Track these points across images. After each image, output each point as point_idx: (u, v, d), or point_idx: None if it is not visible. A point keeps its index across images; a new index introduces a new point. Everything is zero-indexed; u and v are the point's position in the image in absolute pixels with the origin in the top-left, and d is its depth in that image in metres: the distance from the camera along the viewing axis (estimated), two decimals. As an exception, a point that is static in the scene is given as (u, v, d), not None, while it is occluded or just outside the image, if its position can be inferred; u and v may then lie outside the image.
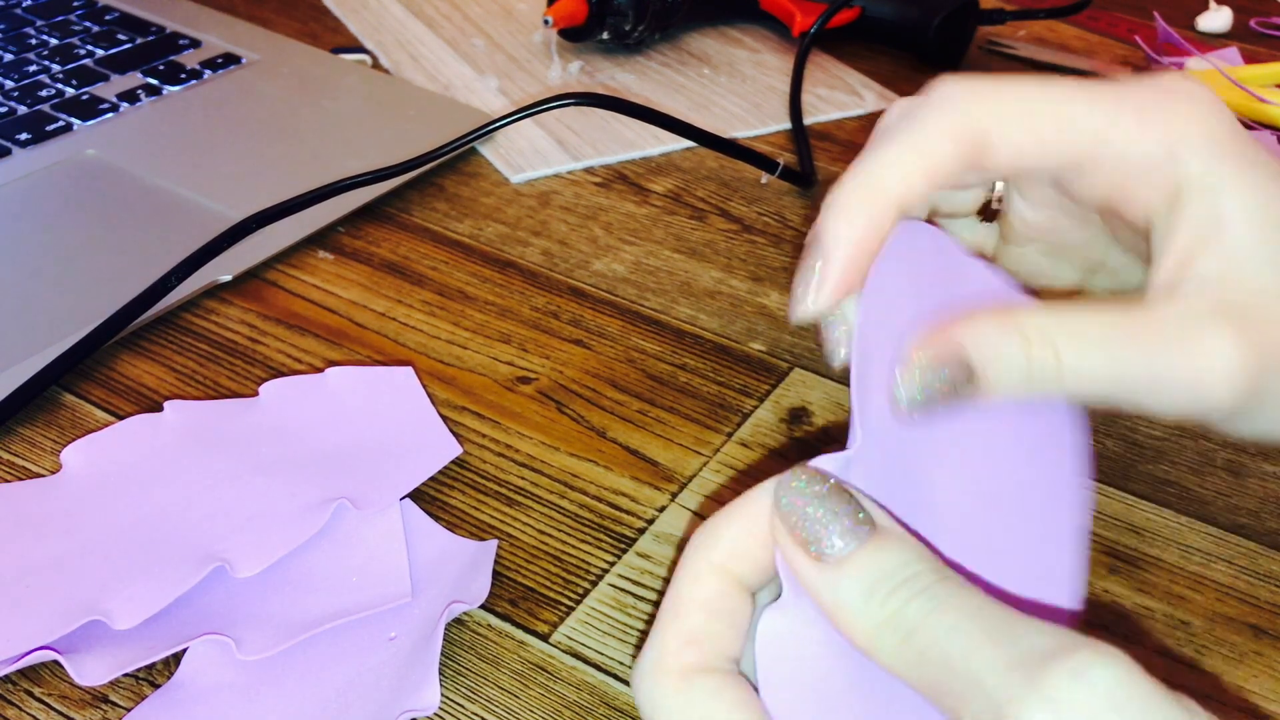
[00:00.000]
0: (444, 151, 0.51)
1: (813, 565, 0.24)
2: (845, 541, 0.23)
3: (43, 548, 0.35)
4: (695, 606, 0.25)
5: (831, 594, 0.23)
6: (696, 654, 0.25)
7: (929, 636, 0.22)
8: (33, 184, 0.53)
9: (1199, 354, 0.26)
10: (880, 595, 0.23)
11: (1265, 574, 0.36)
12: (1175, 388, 0.26)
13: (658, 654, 0.25)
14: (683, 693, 0.24)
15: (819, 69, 0.66)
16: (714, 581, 0.25)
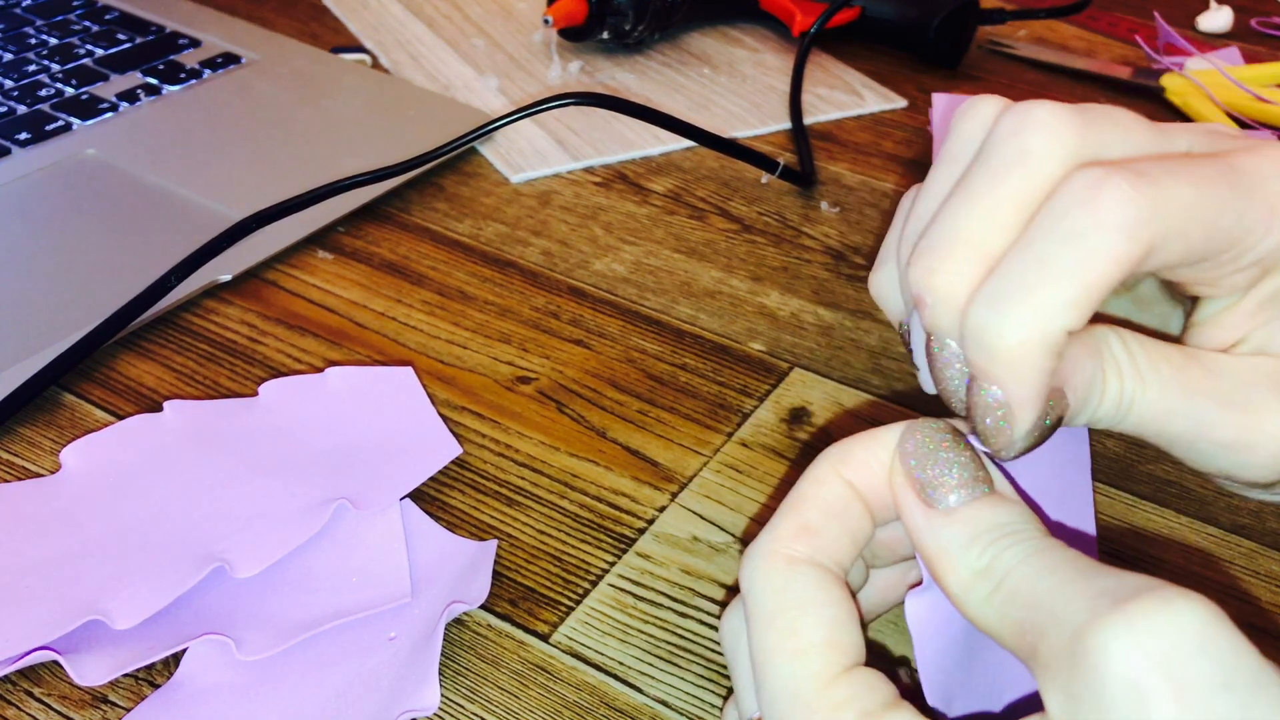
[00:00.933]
0: (444, 151, 0.51)
1: (922, 511, 0.24)
2: (959, 495, 0.24)
3: (42, 548, 0.35)
4: (815, 504, 0.26)
5: (934, 541, 0.24)
6: (807, 546, 0.25)
7: (1019, 579, 0.22)
8: (32, 184, 0.53)
9: (1252, 423, 0.26)
10: (980, 545, 0.23)
11: (1266, 574, 0.36)
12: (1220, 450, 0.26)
13: (772, 537, 0.25)
14: (786, 576, 0.25)
15: (819, 69, 0.66)
16: (838, 488, 0.26)
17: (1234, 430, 0.26)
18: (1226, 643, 0.20)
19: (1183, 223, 0.24)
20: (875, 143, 0.59)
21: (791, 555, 0.25)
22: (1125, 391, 0.26)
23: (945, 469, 0.24)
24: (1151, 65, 0.64)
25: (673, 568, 0.36)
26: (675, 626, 0.34)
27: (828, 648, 0.24)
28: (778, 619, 0.24)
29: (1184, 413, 0.26)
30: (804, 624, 0.24)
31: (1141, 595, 0.20)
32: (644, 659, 0.33)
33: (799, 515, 0.25)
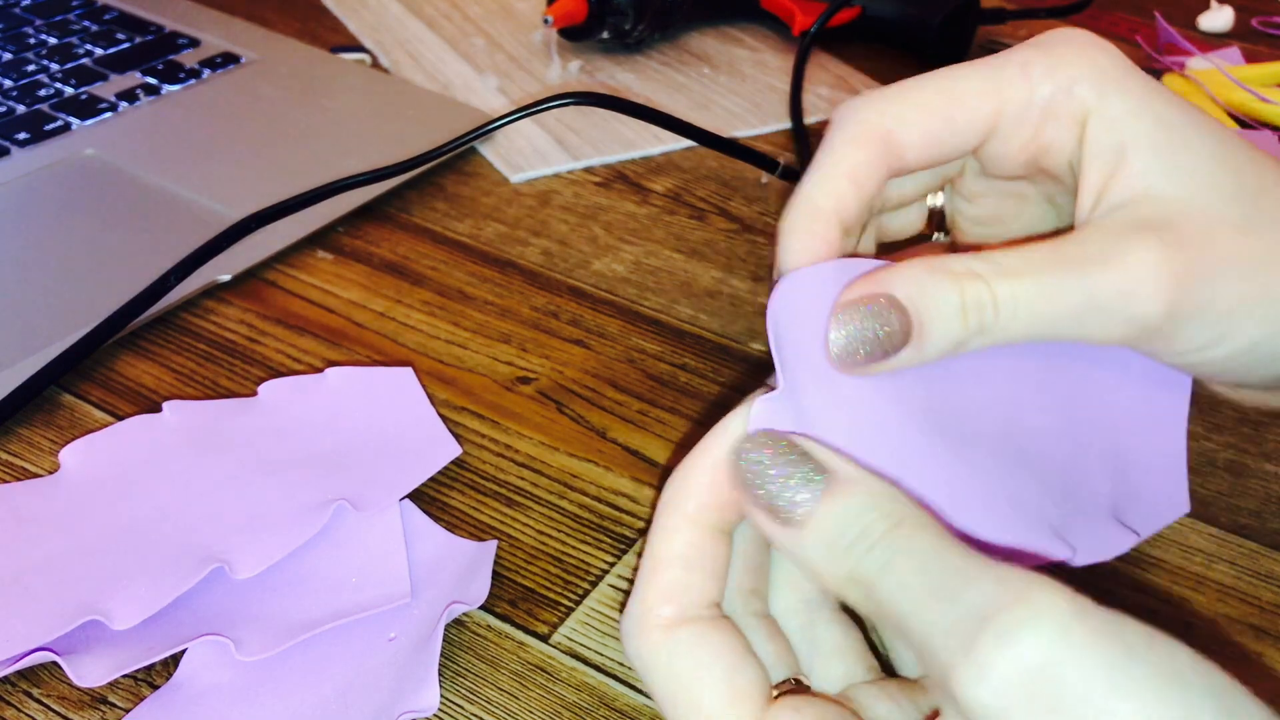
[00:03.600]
0: (443, 151, 0.51)
1: (779, 530, 0.24)
2: (803, 499, 0.24)
3: (41, 548, 0.35)
4: (670, 562, 0.26)
5: (800, 554, 0.24)
6: (675, 607, 0.26)
7: (883, 593, 0.23)
8: (31, 184, 0.53)
9: (1125, 266, 0.27)
10: (839, 552, 0.23)
11: (1267, 574, 0.36)
12: (1108, 305, 0.26)
13: (639, 611, 0.26)
14: (665, 646, 0.25)
15: (819, 68, 0.65)
16: (687, 534, 0.26)
17: (1113, 280, 0.26)
18: (1075, 653, 0.20)
19: (914, 98, 0.29)
20: (875, 142, 0.59)
21: (664, 624, 0.26)
22: (997, 293, 0.26)
23: (778, 481, 0.24)
24: (1152, 65, 0.64)
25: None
26: (675, 627, 0.34)
27: (734, 704, 0.25)
28: (677, 698, 0.25)
29: (1067, 287, 0.26)
30: (702, 692, 0.25)
31: (987, 627, 0.21)
32: (644, 659, 0.33)
33: (658, 578, 0.26)
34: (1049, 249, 0.27)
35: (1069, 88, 0.28)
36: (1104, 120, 0.28)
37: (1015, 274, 0.26)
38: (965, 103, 0.29)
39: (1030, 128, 0.29)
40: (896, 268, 0.27)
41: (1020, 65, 0.29)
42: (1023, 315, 0.26)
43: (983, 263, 0.26)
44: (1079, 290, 0.26)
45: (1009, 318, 0.26)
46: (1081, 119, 0.28)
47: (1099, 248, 0.27)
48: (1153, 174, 0.28)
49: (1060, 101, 0.28)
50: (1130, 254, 0.26)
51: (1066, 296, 0.26)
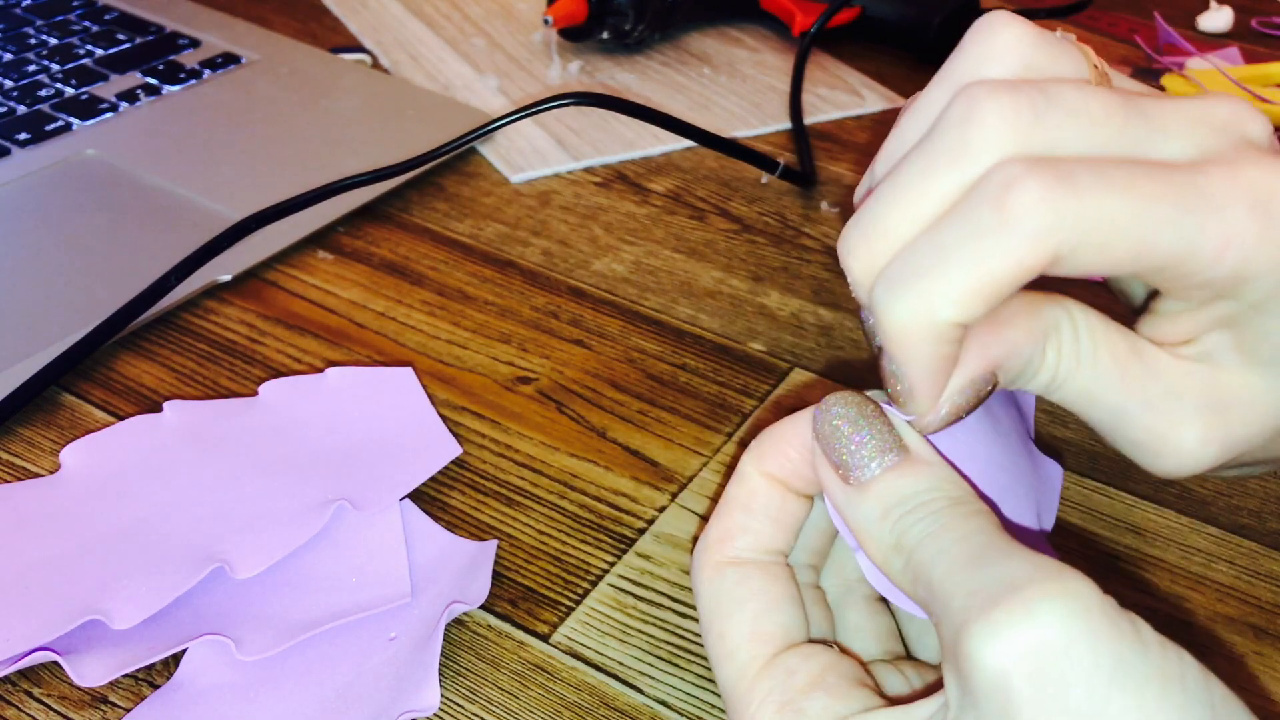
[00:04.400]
0: (443, 151, 0.51)
1: (840, 487, 0.25)
2: (874, 465, 0.25)
3: (42, 548, 0.35)
4: (735, 506, 0.28)
5: (854, 516, 0.25)
6: (730, 548, 0.27)
7: (920, 560, 0.23)
8: (32, 184, 0.53)
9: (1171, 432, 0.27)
10: (892, 519, 0.24)
11: (1266, 574, 0.36)
12: (1133, 443, 0.27)
13: (701, 546, 0.28)
14: (713, 581, 0.27)
15: (819, 69, 0.66)
16: (758, 483, 0.28)
17: (1147, 434, 0.27)
18: (1088, 639, 0.20)
19: (1103, 236, 0.23)
20: (876, 143, 0.59)
21: (717, 560, 0.27)
22: (1061, 371, 0.26)
23: (854, 444, 0.25)
24: (1151, 65, 0.64)
25: (673, 568, 0.36)
26: (675, 627, 0.34)
27: (751, 641, 0.26)
28: (711, 624, 0.27)
29: (1109, 404, 0.27)
30: (729, 625, 0.26)
31: (1007, 597, 0.21)
32: (644, 659, 0.33)
33: (722, 520, 0.28)
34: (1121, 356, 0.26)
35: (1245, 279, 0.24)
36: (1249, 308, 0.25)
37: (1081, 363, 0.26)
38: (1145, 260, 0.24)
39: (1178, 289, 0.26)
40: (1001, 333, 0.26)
41: (1222, 245, 0.24)
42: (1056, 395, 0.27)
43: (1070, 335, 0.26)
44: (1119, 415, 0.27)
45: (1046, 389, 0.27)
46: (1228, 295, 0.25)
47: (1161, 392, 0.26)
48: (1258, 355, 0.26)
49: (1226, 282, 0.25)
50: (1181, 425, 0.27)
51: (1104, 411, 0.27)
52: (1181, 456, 0.27)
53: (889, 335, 0.25)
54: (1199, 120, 0.25)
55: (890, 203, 0.25)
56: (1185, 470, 0.27)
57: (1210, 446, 0.27)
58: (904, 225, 0.25)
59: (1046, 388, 0.27)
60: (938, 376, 0.25)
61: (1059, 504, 0.32)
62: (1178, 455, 0.27)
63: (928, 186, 0.24)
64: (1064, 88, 0.24)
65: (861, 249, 0.25)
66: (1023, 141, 0.24)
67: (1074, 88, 0.24)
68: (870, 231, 0.25)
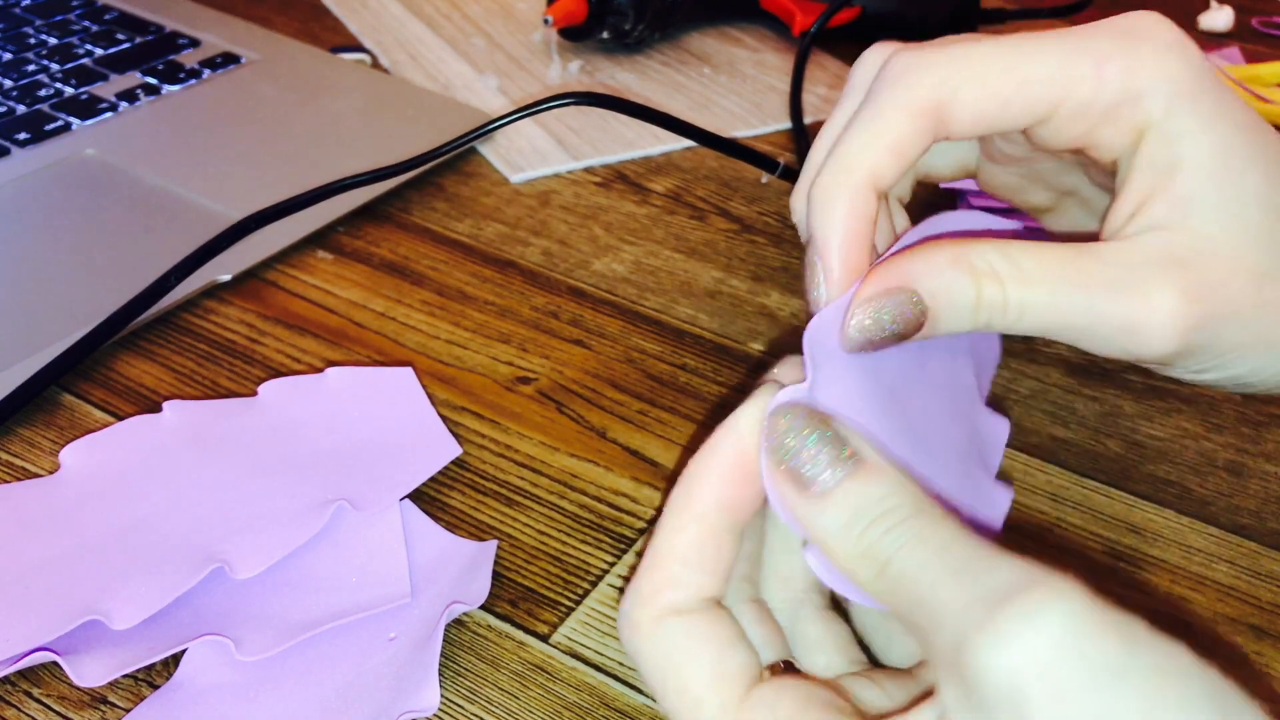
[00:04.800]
0: (443, 151, 0.51)
1: (800, 498, 0.25)
2: (830, 474, 0.24)
3: (42, 548, 0.35)
4: (667, 558, 0.26)
5: (816, 526, 0.25)
6: (668, 599, 0.26)
7: (899, 570, 0.23)
8: (32, 184, 0.53)
9: (1141, 304, 0.27)
10: (858, 528, 0.24)
11: (1266, 574, 0.36)
12: (1115, 333, 0.27)
13: (633, 601, 0.26)
14: (653, 636, 0.26)
15: (819, 68, 0.66)
16: (693, 531, 0.26)
17: (1125, 313, 0.27)
18: (1093, 638, 0.21)
19: (976, 72, 0.28)
20: (875, 142, 0.59)
21: (655, 615, 0.26)
22: (1010, 296, 0.27)
23: (809, 455, 0.25)
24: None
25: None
26: (675, 627, 0.34)
27: (718, 686, 0.25)
28: (666, 681, 0.26)
29: (1079, 305, 0.27)
30: (687, 677, 0.25)
31: (1008, 605, 0.21)
32: (644, 659, 0.33)
33: (653, 574, 0.26)
34: (1070, 260, 0.27)
35: (1138, 97, 0.28)
36: (1164, 136, 0.28)
37: (1032, 282, 0.27)
38: (1028, 88, 0.28)
39: (1086, 124, 0.28)
40: (920, 256, 0.27)
41: (1095, 61, 0.28)
42: (1027, 320, 0.27)
43: (1004, 262, 0.27)
44: (1088, 312, 0.27)
45: (1014, 320, 0.27)
46: (1141, 129, 0.28)
47: (1119, 273, 0.27)
48: (1194, 203, 0.27)
49: (1125, 108, 0.28)
50: (1149, 293, 0.27)
51: (1075, 315, 0.27)
52: (1165, 321, 0.27)
53: (814, 205, 0.28)
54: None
55: (813, 145, 0.31)
56: (1176, 338, 0.27)
57: (1192, 303, 0.27)
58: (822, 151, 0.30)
59: (1005, 314, 0.27)
60: (849, 240, 0.28)
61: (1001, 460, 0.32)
62: (1162, 322, 0.27)
63: (834, 117, 0.31)
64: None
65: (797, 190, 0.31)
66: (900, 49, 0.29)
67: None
68: (804, 174, 0.31)
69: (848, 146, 0.29)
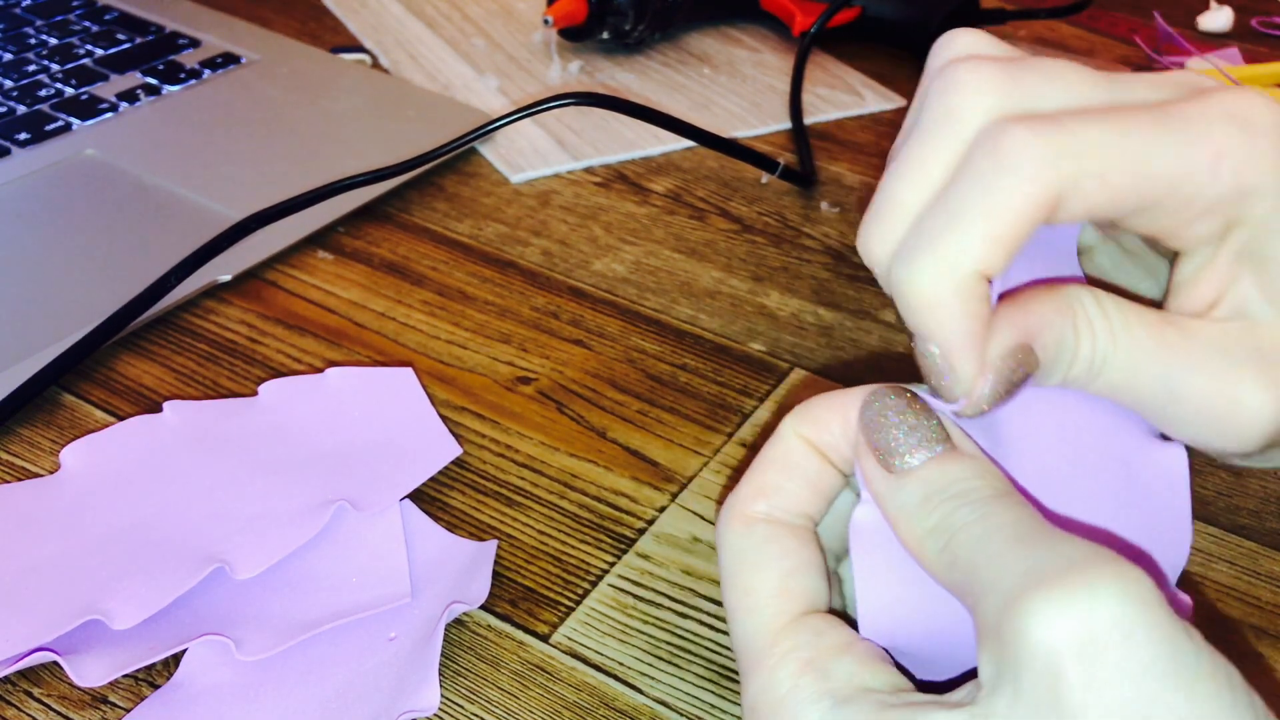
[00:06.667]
0: (444, 151, 0.51)
1: (881, 474, 0.25)
2: (914, 457, 0.25)
3: (42, 548, 0.35)
4: (771, 464, 0.27)
5: (893, 501, 0.25)
6: (764, 504, 0.27)
7: (964, 540, 0.23)
8: (32, 184, 0.53)
9: (1230, 397, 0.26)
10: (933, 504, 0.24)
11: (1266, 574, 0.36)
12: (1199, 420, 0.26)
13: (732, 499, 0.27)
14: (742, 534, 0.27)
15: (819, 69, 0.66)
16: (796, 445, 0.27)
17: (1205, 398, 0.26)
18: (1147, 628, 0.20)
19: (1098, 165, 0.24)
20: (875, 143, 0.59)
21: (749, 515, 0.27)
22: (1097, 350, 0.26)
23: (901, 433, 0.25)
24: (1151, 65, 0.64)
25: (673, 568, 0.36)
26: (675, 627, 0.34)
27: (778, 597, 0.26)
28: (736, 577, 0.26)
29: (1155, 375, 0.26)
30: (755, 579, 0.26)
31: (1067, 575, 0.20)
32: (644, 659, 0.33)
33: (757, 476, 0.27)
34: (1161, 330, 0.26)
35: (1246, 195, 0.25)
36: (1267, 230, 0.26)
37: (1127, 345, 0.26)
38: (1143, 183, 0.25)
39: (1186, 217, 0.26)
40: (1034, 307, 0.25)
41: (1212, 155, 0.25)
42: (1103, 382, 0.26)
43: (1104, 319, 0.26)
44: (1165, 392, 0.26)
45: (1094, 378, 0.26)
46: (1236, 220, 0.26)
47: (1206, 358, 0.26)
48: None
49: (1229, 204, 0.25)
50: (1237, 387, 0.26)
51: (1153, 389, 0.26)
52: (1249, 416, 0.26)
53: (914, 307, 0.25)
54: (1164, 80, 0.26)
55: (894, 180, 0.26)
56: (1258, 434, 0.26)
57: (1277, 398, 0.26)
58: (911, 198, 0.25)
59: (1088, 370, 0.26)
60: (972, 341, 0.25)
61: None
62: (1245, 415, 0.26)
63: (925, 156, 0.25)
64: (1034, 57, 0.26)
65: (875, 233, 0.26)
66: (1004, 100, 0.25)
67: (1043, 57, 0.26)
68: (881, 213, 0.26)
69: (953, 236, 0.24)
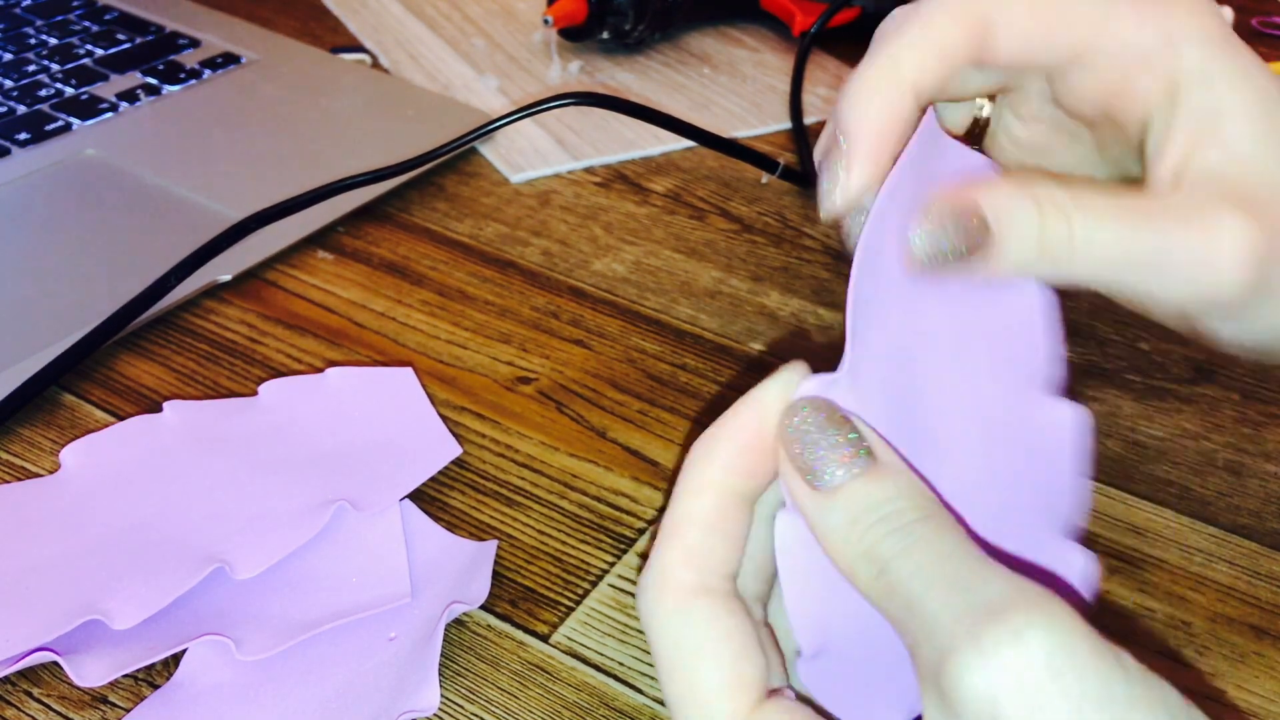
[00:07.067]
0: (444, 151, 0.51)
1: (807, 492, 0.24)
2: (842, 472, 0.24)
3: (42, 548, 0.35)
4: (693, 524, 0.25)
5: (820, 520, 0.24)
6: (695, 573, 0.25)
7: (897, 574, 0.23)
8: (32, 184, 0.53)
9: (1210, 234, 0.26)
10: (861, 527, 0.23)
11: (1266, 574, 0.36)
12: (1185, 267, 0.26)
13: (658, 572, 0.25)
14: (680, 614, 0.25)
15: (819, 69, 0.65)
16: (712, 497, 0.26)
17: (1200, 243, 0.26)
18: (1077, 665, 0.20)
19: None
20: (875, 143, 0.59)
21: (680, 589, 0.25)
22: (1073, 229, 0.26)
23: (822, 450, 0.25)
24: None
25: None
26: (675, 627, 0.34)
27: (731, 691, 0.24)
28: (678, 669, 0.25)
29: (1148, 241, 0.26)
30: (703, 672, 0.24)
31: (992, 623, 0.21)
32: (644, 659, 0.33)
33: (680, 540, 0.26)
34: (1132, 198, 0.27)
35: (1175, 43, 0.27)
36: (1204, 84, 0.27)
37: (1098, 215, 0.26)
38: (1070, 17, 0.28)
39: (1120, 70, 0.28)
40: (985, 181, 0.26)
41: (1133, 5, 0.28)
42: (1092, 260, 0.26)
43: (1069, 195, 0.26)
44: (1158, 246, 0.26)
45: (1080, 260, 0.26)
46: (1177, 78, 0.27)
47: (1184, 211, 0.26)
48: (1245, 144, 0.27)
49: (1162, 54, 0.27)
50: (1217, 224, 0.26)
51: (1143, 249, 0.26)
52: (1237, 247, 0.26)
53: (850, 101, 0.27)
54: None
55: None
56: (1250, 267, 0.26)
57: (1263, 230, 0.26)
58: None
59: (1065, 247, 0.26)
60: (877, 140, 0.27)
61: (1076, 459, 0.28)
62: (1233, 248, 0.26)
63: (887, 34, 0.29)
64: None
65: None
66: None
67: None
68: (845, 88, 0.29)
69: (897, 42, 0.28)
